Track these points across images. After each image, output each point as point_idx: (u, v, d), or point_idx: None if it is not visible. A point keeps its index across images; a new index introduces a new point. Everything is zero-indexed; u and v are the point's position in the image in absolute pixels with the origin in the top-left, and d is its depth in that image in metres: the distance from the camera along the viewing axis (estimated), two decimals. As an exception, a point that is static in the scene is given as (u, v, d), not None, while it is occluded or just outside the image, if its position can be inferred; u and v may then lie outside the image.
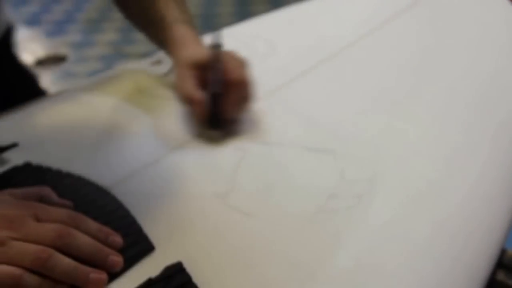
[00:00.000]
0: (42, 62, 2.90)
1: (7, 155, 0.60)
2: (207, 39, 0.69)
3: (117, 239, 0.47)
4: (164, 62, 0.83)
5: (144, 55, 0.89)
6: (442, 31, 0.98)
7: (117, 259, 0.45)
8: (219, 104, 0.62)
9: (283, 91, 0.75)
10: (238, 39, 0.64)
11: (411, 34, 0.97)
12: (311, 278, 0.45)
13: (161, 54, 0.87)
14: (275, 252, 0.47)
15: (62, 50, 3.05)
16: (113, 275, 0.44)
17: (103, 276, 0.43)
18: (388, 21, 1.01)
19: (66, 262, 0.42)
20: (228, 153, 0.61)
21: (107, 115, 0.69)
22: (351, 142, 0.62)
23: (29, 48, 3.08)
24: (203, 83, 0.63)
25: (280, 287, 0.44)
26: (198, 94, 0.61)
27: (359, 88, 0.77)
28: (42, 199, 0.48)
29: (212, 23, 3.50)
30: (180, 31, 0.69)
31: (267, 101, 0.72)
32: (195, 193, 0.55)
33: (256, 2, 3.79)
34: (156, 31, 0.73)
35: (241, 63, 0.64)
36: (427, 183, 0.57)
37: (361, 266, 0.46)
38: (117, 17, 3.60)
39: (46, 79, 2.71)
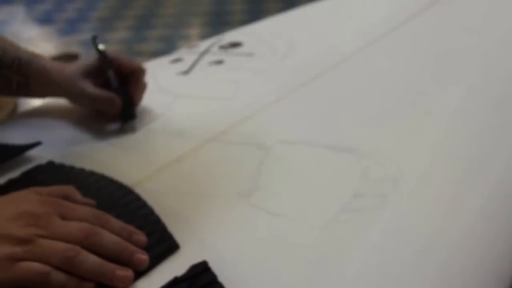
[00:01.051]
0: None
1: (30, 153, 0.60)
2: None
3: (141, 237, 0.47)
4: (184, 60, 0.83)
5: (156, 53, 0.89)
6: (462, 30, 0.97)
7: (143, 257, 0.45)
8: (128, 96, 0.66)
9: (304, 89, 0.75)
10: (258, 38, 0.63)
11: (430, 33, 0.96)
12: (336, 277, 0.45)
13: (181, 52, 0.88)
14: (299, 251, 0.47)
15: (75, 48, 3.07)
16: (138, 274, 0.44)
17: (129, 273, 0.43)
18: (408, 20, 1.00)
19: (92, 259, 0.42)
20: (251, 152, 0.61)
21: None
22: (374, 141, 0.62)
23: (41, 46, 3.10)
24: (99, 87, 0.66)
25: (305, 286, 0.44)
26: (108, 93, 0.65)
27: (380, 87, 0.76)
28: (66, 198, 0.48)
29: (224, 21, 3.50)
30: (45, 61, 0.69)
31: (289, 100, 0.72)
32: (218, 191, 0.55)
33: (268, 0, 3.78)
34: (15, 73, 0.67)
35: (126, 58, 0.68)
36: (451, 182, 0.56)
37: (386, 265, 0.46)
38: (129, 16, 3.61)
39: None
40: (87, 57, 0.69)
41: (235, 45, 0.77)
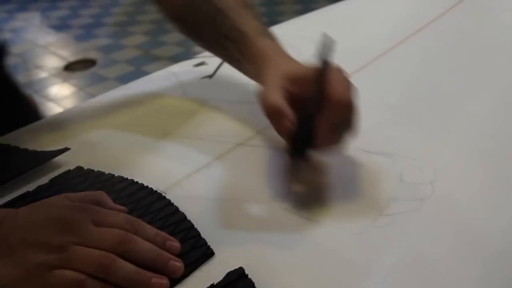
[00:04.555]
0: (71, 66, 2.93)
1: (59, 159, 0.60)
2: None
3: (175, 244, 0.46)
4: (207, 64, 0.82)
5: (174, 58, 0.88)
6: (494, 26, 0.95)
7: (178, 265, 0.44)
8: (311, 128, 0.49)
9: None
10: (281, 39, 0.62)
11: (462, 30, 0.95)
12: (373, 282, 0.43)
13: (203, 56, 0.87)
14: (336, 257, 0.46)
15: (91, 54, 3.09)
16: (174, 281, 0.43)
17: (165, 281, 0.43)
18: (434, 19, 0.99)
19: (128, 267, 0.42)
20: (282, 155, 0.60)
21: (158, 119, 0.69)
22: (408, 144, 0.61)
23: (58, 53, 3.12)
24: (294, 102, 0.52)
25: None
26: (286, 106, 0.50)
27: (412, 89, 0.75)
28: (98, 203, 0.48)
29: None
30: (267, 44, 0.60)
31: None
32: (251, 197, 0.54)
33: (285, 2, 3.78)
34: (234, 49, 0.63)
35: (347, 83, 0.52)
36: (489, 185, 0.55)
37: (424, 270, 0.44)
38: (145, 20, 3.63)
39: (76, 83, 2.75)
40: (299, 62, 0.57)
41: (322, 59, 0.76)
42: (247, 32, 0.61)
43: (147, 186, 0.54)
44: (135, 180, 0.55)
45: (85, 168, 0.58)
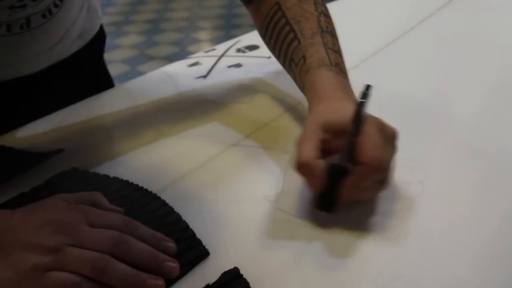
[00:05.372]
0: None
1: (54, 160, 0.60)
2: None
3: (171, 244, 0.46)
4: (201, 64, 0.83)
5: (169, 58, 0.88)
6: (484, 25, 0.96)
7: (173, 265, 0.44)
8: (338, 183, 0.48)
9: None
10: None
11: (453, 29, 0.95)
12: (365, 280, 0.44)
13: (197, 56, 0.87)
14: (329, 255, 0.46)
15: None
16: (169, 282, 0.43)
17: (160, 281, 0.43)
18: (431, 16, 0.99)
19: (123, 268, 0.42)
20: (275, 155, 0.60)
21: (153, 119, 0.69)
22: (401, 144, 0.61)
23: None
24: (329, 149, 0.51)
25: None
26: (317, 164, 0.48)
27: (401, 89, 0.75)
28: (93, 204, 0.48)
29: (235, 24, 3.50)
30: (322, 78, 0.57)
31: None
32: (244, 196, 0.54)
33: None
34: (296, 73, 0.62)
35: (382, 140, 0.49)
36: (477, 184, 0.55)
37: (415, 267, 0.45)
38: (140, 20, 3.62)
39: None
40: (350, 103, 0.53)
41: (252, 48, 0.76)
42: (310, 62, 0.59)
43: (142, 187, 0.54)
44: (130, 181, 0.55)
45: (80, 169, 0.58)
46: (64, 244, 0.42)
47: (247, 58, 0.86)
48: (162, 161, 0.60)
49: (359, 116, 0.49)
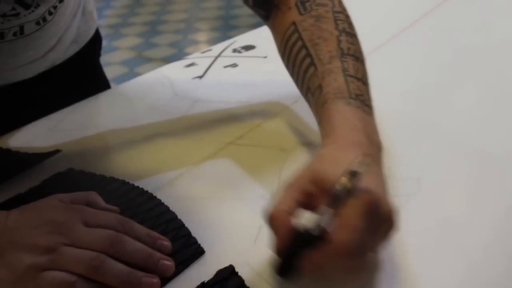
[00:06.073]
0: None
1: (51, 161, 0.60)
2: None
3: (166, 243, 0.46)
4: (198, 64, 0.83)
5: (166, 59, 0.88)
6: (479, 24, 0.96)
7: (168, 264, 0.44)
8: (302, 251, 0.40)
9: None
10: (271, 40, 0.63)
11: (449, 28, 0.96)
12: (369, 280, 0.44)
13: (193, 57, 0.87)
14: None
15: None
16: (165, 280, 0.44)
17: (156, 280, 0.43)
18: (426, 14, 1.00)
19: (118, 267, 0.42)
20: (271, 154, 0.60)
21: (149, 119, 0.69)
22: (397, 140, 0.61)
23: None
24: (313, 205, 0.41)
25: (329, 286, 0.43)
26: (284, 222, 0.40)
27: (397, 87, 0.76)
28: (89, 204, 0.48)
29: (232, 25, 3.50)
30: (338, 114, 0.49)
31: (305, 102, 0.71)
32: (241, 195, 0.54)
33: None
34: (312, 104, 0.55)
35: (364, 224, 0.39)
36: (474, 181, 0.55)
37: (413, 265, 0.45)
38: (138, 22, 3.63)
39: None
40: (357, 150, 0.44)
41: (248, 48, 0.76)
42: (326, 92, 0.51)
43: (138, 187, 0.55)
44: (126, 181, 0.55)
45: (77, 169, 0.58)
46: (60, 243, 0.42)
47: (243, 58, 0.86)
48: (158, 161, 0.60)
49: (343, 187, 0.39)
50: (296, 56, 0.56)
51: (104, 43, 0.92)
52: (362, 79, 0.53)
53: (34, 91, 0.76)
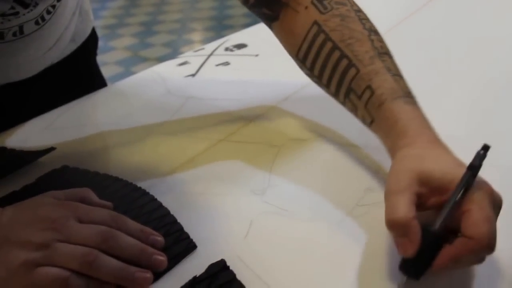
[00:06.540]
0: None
1: (45, 159, 0.60)
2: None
3: (159, 238, 0.47)
4: (190, 63, 0.83)
5: (161, 59, 0.88)
6: (469, 21, 0.97)
7: (161, 259, 0.45)
8: (433, 250, 0.41)
9: (310, 88, 0.74)
10: (263, 38, 0.63)
11: (437, 26, 0.96)
12: (350, 270, 0.45)
13: (186, 56, 0.88)
14: (315, 246, 0.47)
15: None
16: (158, 275, 0.44)
17: (149, 275, 0.43)
18: (415, 12, 1.00)
19: (111, 262, 0.42)
20: (262, 150, 0.61)
21: (142, 117, 0.70)
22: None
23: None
24: (421, 205, 0.44)
25: (322, 281, 0.44)
26: (414, 226, 0.41)
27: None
28: (83, 200, 0.48)
29: (226, 25, 3.51)
30: (404, 114, 0.49)
31: (296, 99, 0.72)
32: (232, 190, 0.55)
33: None
34: (359, 105, 0.54)
35: (492, 213, 0.42)
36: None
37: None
38: (134, 23, 3.63)
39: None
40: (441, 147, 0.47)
41: (240, 46, 0.77)
42: (381, 93, 0.51)
43: (131, 183, 0.55)
44: (120, 178, 0.56)
45: (71, 166, 0.59)
46: (53, 240, 0.42)
47: (235, 56, 0.87)
48: (151, 158, 0.61)
49: (469, 183, 0.42)
50: (328, 58, 0.55)
51: (101, 43, 0.93)
52: (402, 76, 0.53)
53: (32, 90, 0.77)
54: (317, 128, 0.65)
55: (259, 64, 0.83)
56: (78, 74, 0.85)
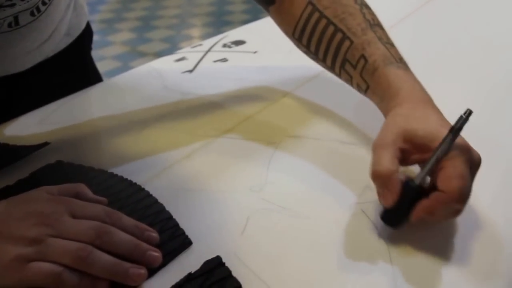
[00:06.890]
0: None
1: (39, 153, 0.60)
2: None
3: (154, 235, 0.46)
4: (188, 59, 0.83)
5: (160, 54, 0.88)
6: (467, 21, 0.97)
7: (155, 255, 0.44)
8: (412, 201, 0.45)
9: (309, 85, 0.75)
10: (261, 35, 0.63)
11: (436, 25, 0.96)
12: (349, 267, 0.44)
13: (184, 51, 0.88)
14: (313, 243, 0.47)
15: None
16: (152, 271, 0.44)
17: (143, 271, 0.43)
18: (414, 12, 1.00)
19: (105, 258, 0.42)
20: (260, 147, 0.61)
21: (138, 112, 0.70)
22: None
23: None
24: (404, 160, 0.48)
25: (318, 278, 0.44)
26: (395, 178, 0.46)
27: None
28: (77, 196, 0.48)
29: (225, 21, 3.50)
30: (396, 77, 0.54)
31: (295, 96, 0.72)
32: (229, 187, 0.54)
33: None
34: (354, 74, 0.58)
35: (467, 169, 0.45)
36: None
37: (398, 255, 0.45)
38: (131, 17, 3.62)
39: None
40: (430, 107, 0.51)
41: (238, 43, 0.76)
42: (374, 60, 0.55)
43: (126, 179, 0.55)
44: (115, 173, 0.56)
45: (65, 161, 0.58)
46: (46, 235, 0.42)
47: (233, 53, 0.87)
48: (147, 153, 0.61)
49: (451, 143, 0.45)
50: (323, 34, 0.59)
51: (98, 37, 0.92)
52: (393, 44, 0.57)
53: (26, 84, 0.76)
54: (315, 125, 0.65)
55: (257, 61, 0.83)
56: (73, 69, 0.84)
